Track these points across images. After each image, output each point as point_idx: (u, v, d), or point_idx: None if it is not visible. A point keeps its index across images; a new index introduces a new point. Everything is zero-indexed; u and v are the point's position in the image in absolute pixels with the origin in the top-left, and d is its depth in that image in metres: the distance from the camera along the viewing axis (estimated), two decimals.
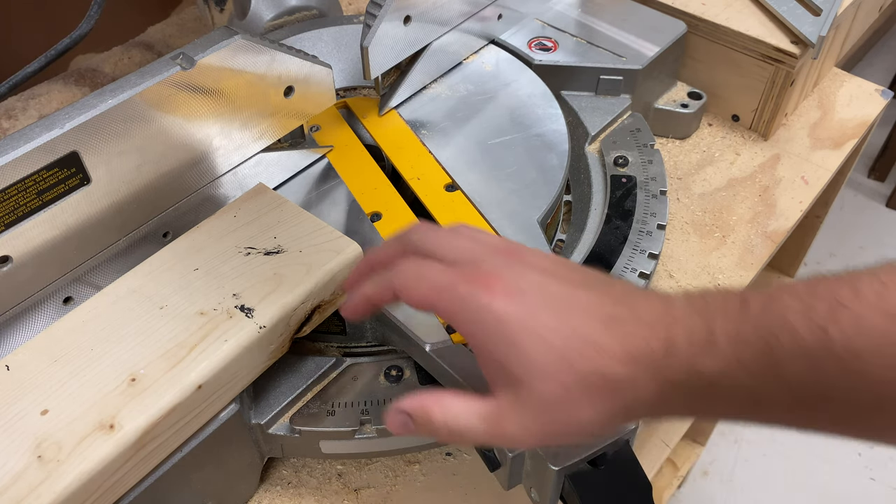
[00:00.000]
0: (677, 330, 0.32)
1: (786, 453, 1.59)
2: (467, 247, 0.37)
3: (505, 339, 0.33)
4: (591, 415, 0.33)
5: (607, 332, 0.33)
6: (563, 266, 0.37)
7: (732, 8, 0.71)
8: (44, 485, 0.36)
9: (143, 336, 0.42)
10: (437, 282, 0.35)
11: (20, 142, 0.42)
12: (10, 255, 0.44)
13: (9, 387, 0.40)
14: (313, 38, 0.68)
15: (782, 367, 0.30)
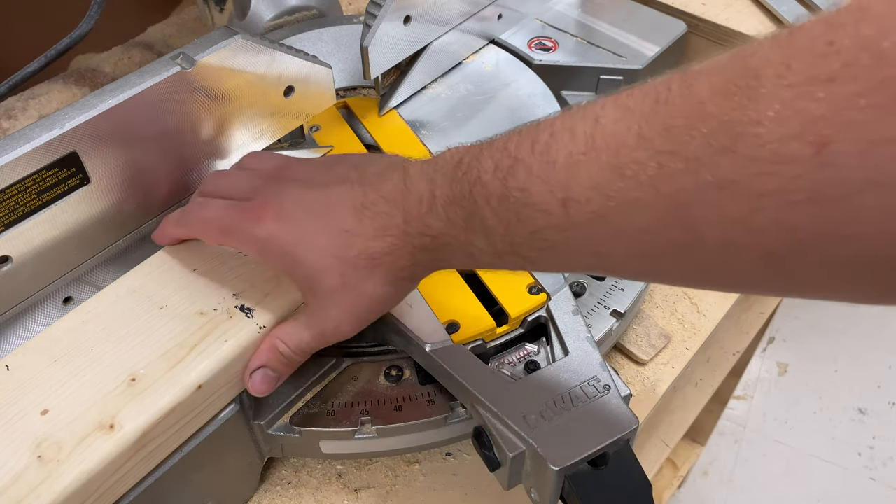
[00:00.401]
0: (411, 200, 0.37)
1: (786, 453, 1.59)
2: (244, 182, 0.44)
3: (284, 256, 0.40)
4: (376, 287, 0.39)
5: (360, 220, 0.39)
6: (324, 169, 0.42)
7: (732, 8, 0.71)
8: (44, 485, 0.36)
9: (143, 336, 0.42)
10: (219, 224, 0.42)
11: (20, 142, 0.42)
12: (10, 255, 0.44)
13: (9, 387, 0.40)
14: (313, 38, 0.68)
15: (479, 223, 0.35)
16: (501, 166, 0.33)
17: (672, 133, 0.28)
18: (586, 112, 0.31)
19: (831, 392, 1.68)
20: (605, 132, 0.30)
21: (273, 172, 0.44)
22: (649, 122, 0.29)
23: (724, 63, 0.27)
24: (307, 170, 0.43)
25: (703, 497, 1.54)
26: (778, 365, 1.75)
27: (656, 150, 0.28)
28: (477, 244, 0.36)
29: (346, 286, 0.39)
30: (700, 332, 0.60)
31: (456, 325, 0.48)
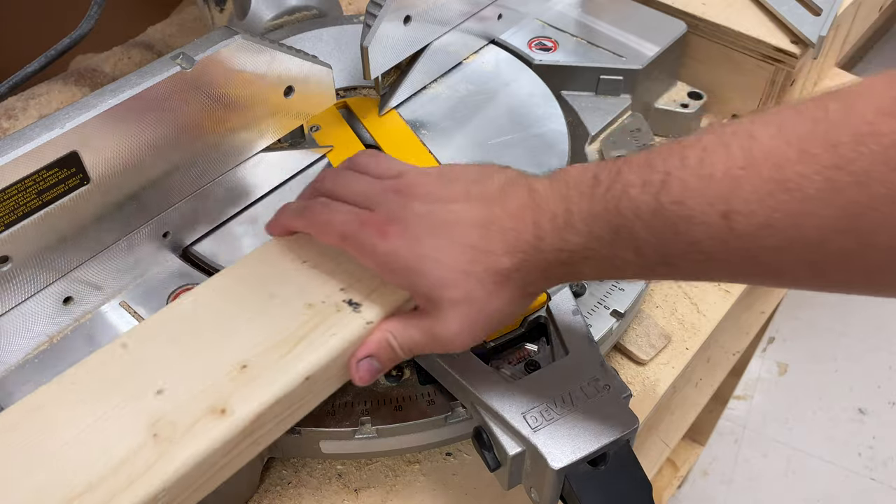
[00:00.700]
0: (542, 217, 0.38)
1: (786, 453, 1.59)
2: (366, 189, 0.44)
3: (407, 271, 0.40)
4: (500, 304, 0.40)
5: (486, 236, 0.39)
6: (445, 183, 0.42)
7: (732, 8, 0.71)
8: (159, 463, 0.37)
9: (254, 324, 0.43)
10: (341, 230, 0.43)
11: (20, 142, 0.42)
12: (9, 255, 0.44)
13: (126, 365, 0.41)
14: (313, 38, 0.68)
15: (628, 236, 0.35)
16: (651, 181, 0.34)
17: (839, 149, 0.29)
18: (737, 129, 0.33)
19: (831, 392, 1.68)
20: (763, 148, 0.31)
21: (394, 185, 0.44)
22: (811, 140, 0.30)
23: (881, 88, 0.30)
24: (428, 184, 0.43)
25: (703, 497, 1.54)
26: (778, 365, 1.75)
27: (822, 166, 0.30)
28: (624, 257, 0.36)
29: (469, 300, 0.39)
30: (700, 332, 0.60)
31: None
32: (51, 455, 0.37)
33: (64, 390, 0.40)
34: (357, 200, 0.44)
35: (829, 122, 0.30)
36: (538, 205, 0.38)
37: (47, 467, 0.37)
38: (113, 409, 0.39)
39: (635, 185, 0.35)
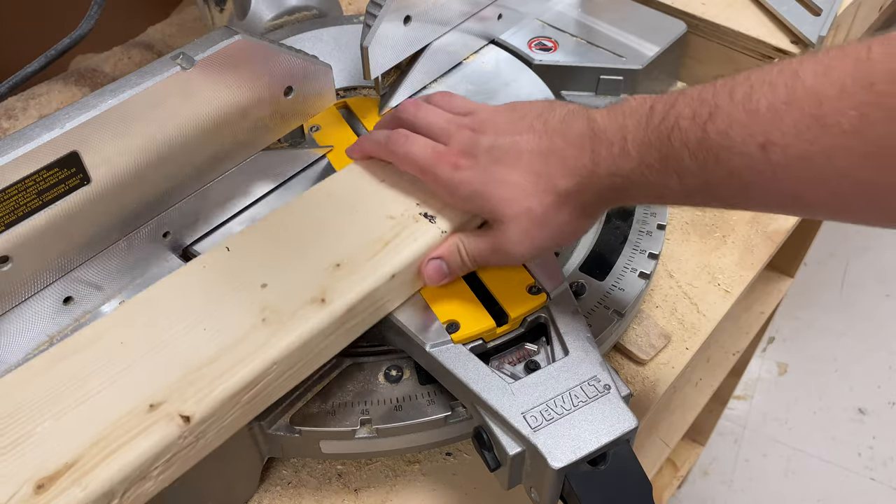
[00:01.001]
0: (600, 145, 0.42)
1: (786, 453, 1.59)
2: (443, 124, 0.50)
3: (474, 195, 0.46)
4: (558, 220, 0.45)
5: (548, 163, 0.44)
6: (513, 119, 0.47)
7: (732, 8, 0.71)
8: (269, 342, 0.42)
9: (343, 231, 0.49)
10: (419, 163, 0.49)
11: (20, 142, 0.42)
12: (9, 255, 0.44)
13: (232, 265, 0.47)
14: (313, 38, 0.68)
15: (676, 164, 0.38)
16: (700, 113, 0.37)
17: (875, 87, 0.31)
18: (783, 68, 0.35)
19: (831, 392, 1.68)
20: (806, 85, 0.34)
21: (468, 122, 0.49)
22: (851, 78, 0.32)
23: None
24: (497, 120, 0.48)
25: (703, 497, 1.55)
26: (778, 365, 1.75)
27: (859, 102, 0.32)
28: (669, 184, 0.39)
29: (529, 215, 0.44)
30: (700, 332, 0.60)
31: (456, 325, 0.48)
32: (169, 340, 0.43)
33: (173, 286, 0.46)
34: (433, 134, 0.50)
35: (870, 62, 0.32)
36: (596, 134, 0.42)
37: (167, 350, 0.42)
38: (224, 299, 0.45)
39: (686, 116, 0.38)
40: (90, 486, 0.37)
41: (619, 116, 0.42)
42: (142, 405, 0.40)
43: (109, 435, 0.38)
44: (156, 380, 0.41)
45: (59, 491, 0.36)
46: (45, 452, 0.38)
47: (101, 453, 0.38)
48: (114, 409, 0.40)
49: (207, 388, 0.40)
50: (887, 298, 1.87)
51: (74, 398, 0.40)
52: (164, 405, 0.40)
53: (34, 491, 0.36)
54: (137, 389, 0.40)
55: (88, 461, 0.37)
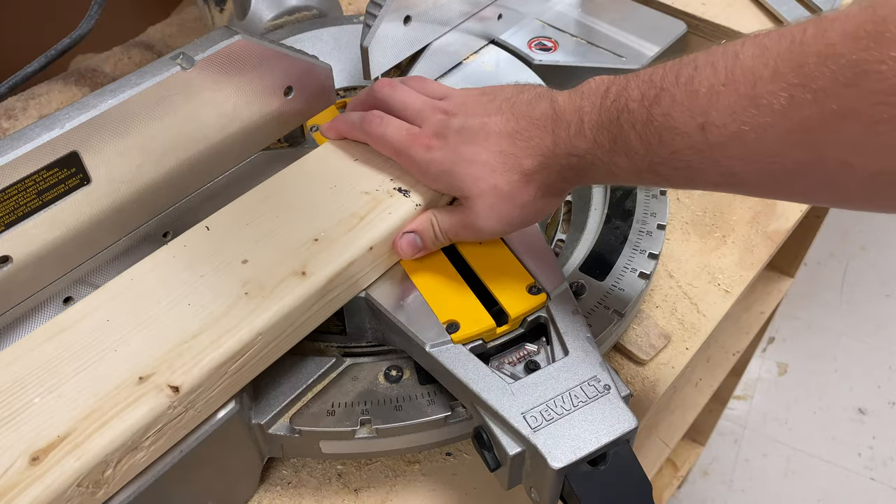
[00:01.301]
0: (560, 126, 0.44)
1: (786, 453, 1.59)
2: (417, 106, 0.51)
3: (443, 174, 0.48)
4: (524, 198, 0.46)
5: (513, 143, 0.46)
6: (483, 101, 0.49)
7: (732, 8, 0.71)
8: (253, 314, 0.44)
9: (320, 207, 0.50)
10: (394, 145, 0.51)
11: (20, 142, 0.42)
12: (10, 255, 0.44)
13: (212, 243, 0.48)
14: (313, 38, 0.68)
15: (623, 144, 0.40)
16: (647, 95, 0.39)
17: (804, 69, 0.32)
18: (727, 49, 0.36)
19: (831, 392, 1.68)
20: (744, 66, 0.35)
21: (442, 105, 0.51)
22: (784, 60, 0.33)
23: (855, 12, 0.32)
24: (468, 103, 0.50)
25: (703, 497, 1.55)
26: (778, 365, 1.75)
27: (789, 84, 0.33)
28: (619, 163, 0.41)
29: (496, 192, 0.46)
30: (700, 332, 0.60)
31: (456, 325, 0.48)
32: (155, 315, 0.44)
33: (156, 265, 0.47)
34: (408, 116, 0.51)
35: (803, 43, 0.33)
36: (557, 115, 0.44)
37: (153, 325, 0.43)
38: (206, 276, 0.46)
39: (635, 98, 0.39)
40: (83, 456, 0.38)
41: (577, 98, 0.44)
42: (131, 378, 0.41)
43: (101, 407, 0.39)
44: (144, 353, 0.42)
45: (53, 462, 0.37)
46: (38, 426, 0.39)
47: (94, 425, 0.39)
48: (104, 382, 0.41)
49: (195, 359, 0.42)
50: (887, 298, 1.87)
51: (65, 373, 0.41)
52: (153, 377, 0.41)
53: (29, 463, 0.37)
54: (126, 363, 0.42)
55: (81, 433, 0.38)
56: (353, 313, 0.51)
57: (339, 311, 0.50)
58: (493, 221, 0.47)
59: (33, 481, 0.36)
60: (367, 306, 0.50)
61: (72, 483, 0.37)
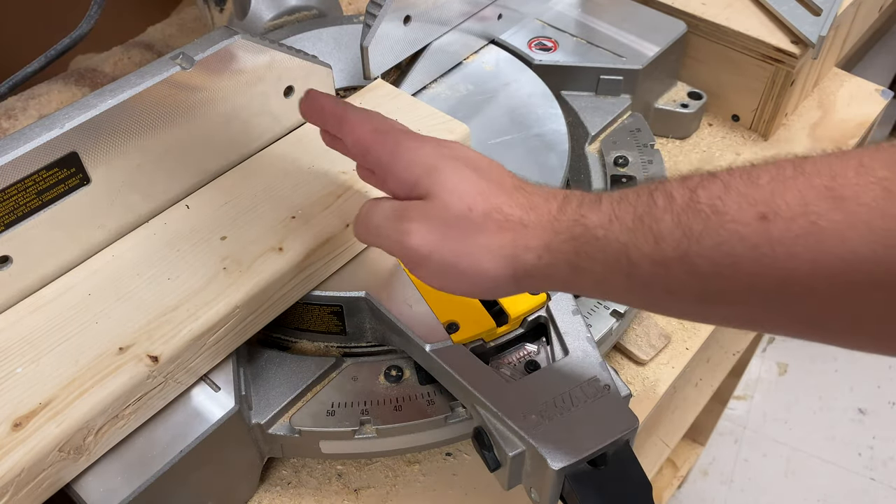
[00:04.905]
0: (573, 197, 0.37)
1: (786, 453, 1.59)
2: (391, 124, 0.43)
3: (423, 164, 0.39)
4: (486, 245, 0.37)
5: (516, 191, 0.38)
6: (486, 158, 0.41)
7: (732, 8, 0.71)
8: (231, 288, 0.45)
9: (298, 187, 0.52)
10: (378, 125, 0.43)
11: (20, 142, 0.42)
12: (10, 255, 0.44)
13: (191, 220, 0.50)
14: (313, 38, 0.68)
15: (654, 224, 0.33)
16: (692, 179, 0.33)
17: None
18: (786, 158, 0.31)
19: (831, 392, 1.68)
20: (816, 162, 0.30)
21: (446, 150, 0.42)
22: (871, 156, 0.28)
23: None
24: (475, 153, 0.42)
25: (703, 497, 1.54)
26: (778, 365, 1.75)
27: (880, 177, 0.27)
28: (641, 247, 0.33)
29: (462, 219, 0.37)
30: (700, 332, 0.60)
31: (456, 326, 0.48)
32: (135, 290, 0.45)
33: (137, 242, 0.48)
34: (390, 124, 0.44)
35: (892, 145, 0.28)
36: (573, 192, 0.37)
37: (133, 299, 0.45)
38: (186, 252, 0.47)
39: (674, 180, 0.33)
40: (64, 423, 0.39)
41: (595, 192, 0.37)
42: (112, 348, 0.42)
43: (82, 376, 0.41)
44: (124, 325, 0.44)
45: (35, 428, 0.39)
46: (21, 393, 0.40)
47: (74, 393, 0.40)
48: (85, 352, 0.42)
49: (174, 330, 0.43)
50: None
51: (47, 344, 0.43)
52: (132, 347, 0.42)
53: (12, 428, 0.39)
54: (107, 335, 0.43)
55: (62, 400, 0.40)
56: (353, 313, 0.51)
57: (340, 311, 0.50)
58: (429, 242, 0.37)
59: (15, 446, 0.38)
60: (367, 306, 0.50)
61: (53, 448, 0.39)
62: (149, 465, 0.42)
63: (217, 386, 0.46)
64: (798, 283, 0.29)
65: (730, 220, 0.30)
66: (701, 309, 0.34)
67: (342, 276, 0.51)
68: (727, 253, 0.30)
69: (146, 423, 0.44)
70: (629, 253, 0.33)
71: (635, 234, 0.33)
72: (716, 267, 0.31)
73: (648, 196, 0.33)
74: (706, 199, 0.31)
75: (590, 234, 0.34)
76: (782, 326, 0.32)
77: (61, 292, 0.46)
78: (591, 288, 0.36)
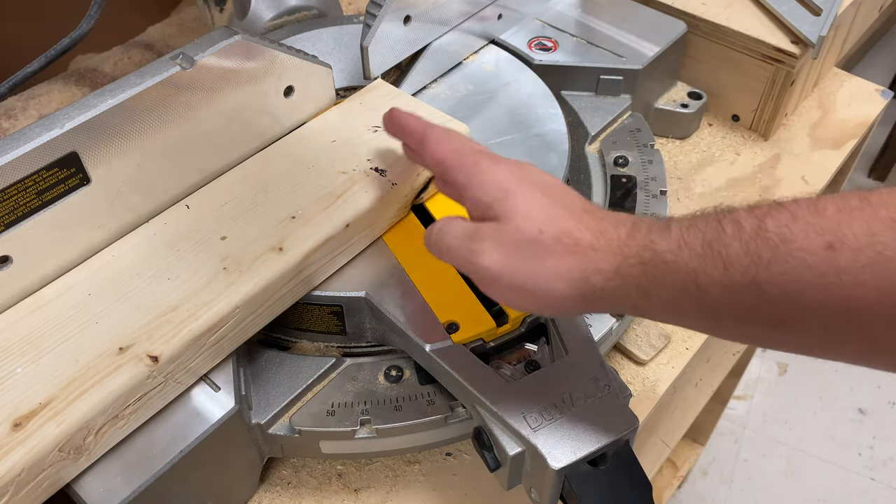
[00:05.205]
0: (642, 224, 0.38)
1: (786, 453, 1.59)
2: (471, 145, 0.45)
3: (498, 187, 0.41)
4: (556, 267, 0.38)
5: (586, 215, 0.39)
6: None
7: (732, 8, 0.71)
8: (231, 288, 0.45)
9: (298, 187, 0.51)
10: (459, 146, 0.44)
11: (20, 142, 0.42)
12: (10, 255, 0.44)
13: (191, 221, 0.50)
14: (313, 38, 0.68)
15: (723, 250, 0.34)
16: (759, 208, 0.34)
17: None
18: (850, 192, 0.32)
19: (831, 392, 1.68)
20: (880, 194, 0.31)
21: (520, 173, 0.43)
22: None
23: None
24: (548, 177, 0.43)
25: (703, 497, 1.54)
26: (778, 365, 1.75)
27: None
28: (710, 273, 0.34)
29: (533, 242, 0.38)
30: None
31: (456, 326, 0.48)
32: (135, 290, 0.45)
33: (137, 242, 0.48)
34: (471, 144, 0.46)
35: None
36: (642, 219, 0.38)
37: (133, 299, 0.45)
38: (186, 252, 0.47)
39: (741, 209, 0.34)
40: (64, 423, 0.39)
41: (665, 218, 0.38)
42: (112, 348, 0.42)
43: (82, 376, 0.41)
44: (124, 325, 0.43)
45: (35, 428, 0.39)
46: (20, 394, 0.40)
47: (74, 393, 0.40)
48: (85, 352, 0.42)
49: (174, 330, 0.43)
50: None
51: (47, 344, 0.43)
52: (132, 347, 0.42)
53: (12, 428, 0.39)
54: (107, 334, 0.43)
55: (62, 400, 0.40)
56: (353, 313, 0.51)
57: (340, 311, 0.50)
58: (501, 264, 0.39)
59: (15, 446, 0.38)
60: (367, 306, 0.50)
61: (53, 448, 0.39)
62: (149, 465, 0.42)
63: (217, 386, 0.46)
64: (864, 311, 0.30)
65: (797, 249, 0.31)
66: (767, 334, 0.35)
67: (342, 276, 0.51)
68: (795, 280, 0.32)
69: (146, 423, 0.44)
70: (698, 278, 0.34)
71: (704, 259, 0.34)
72: (783, 293, 0.32)
73: (717, 223, 0.34)
74: (774, 228, 0.32)
75: (659, 259, 0.36)
76: (845, 354, 0.33)
77: (61, 292, 0.46)
78: (660, 311, 0.38)
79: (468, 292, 0.50)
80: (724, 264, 0.34)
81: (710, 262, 0.34)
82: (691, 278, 0.35)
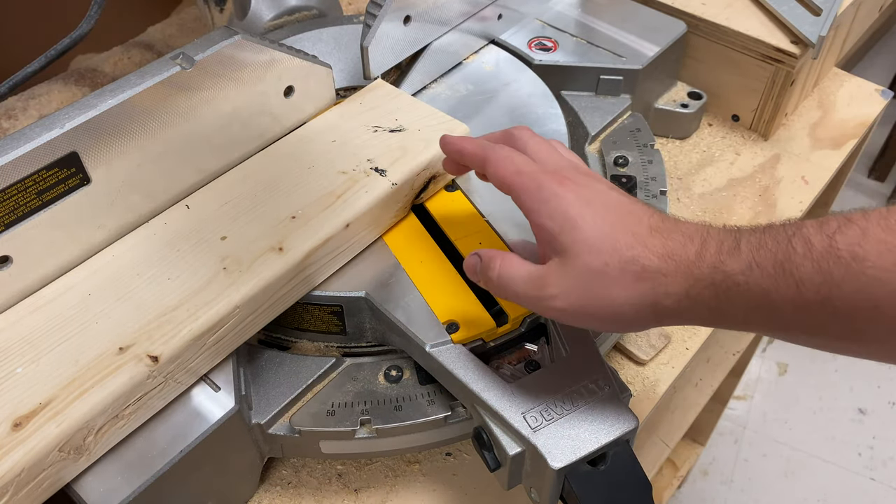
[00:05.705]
0: (710, 241, 0.37)
1: (786, 453, 1.59)
2: (555, 157, 0.45)
3: (563, 215, 0.40)
4: (624, 296, 0.38)
5: (651, 234, 0.39)
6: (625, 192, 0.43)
7: (732, 8, 0.71)
8: (231, 288, 0.45)
9: (298, 187, 0.51)
10: (521, 167, 0.43)
11: (20, 142, 0.42)
12: (10, 255, 0.44)
13: (192, 220, 0.50)
14: (313, 38, 0.68)
15: (794, 270, 0.34)
16: (828, 224, 0.34)
17: None
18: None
19: (831, 392, 1.68)
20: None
21: (582, 168, 0.45)
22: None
23: None
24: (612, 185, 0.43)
25: (703, 497, 1.54)
26: (778, 365, 1.75)
27: None
28: (782, 292, 0.34)
29: (600, 275, 0.38)
30: (700, 332, 0.60)
31: (456, 325, 0.48)
32: (135, 290, 0.45)
33: (137, 242, 0.48)
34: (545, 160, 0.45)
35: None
36: (710, 233, 0.38)
37: (133, 299, 0.45)
38: (186, 252, 0.47)
39: (810, 226, 0.34)
40: (64, 423, 0.39)
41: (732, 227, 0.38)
42: (112, 348, 0.42)
43: (82, 376, 0.41)
44: (124, 325, 0.43)
45: (35, 428, 0.39)
46: (20, 394, 0.40)
47: (74, 393, 0.40)
48: (85, 352, 0.42)
49: (174, 330, 0.43)
50: None
51: (47, 344, 0.43)
52: (132, 347, 0.42)
53: (12, 428, 0.39)
54: (107, 334, 0.43)
55: (62, 400, 0.40)
56: (353, 313, 0.51)
57: (340, 311, 0.50)
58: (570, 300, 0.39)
59: (15, 446, 0.38)
60: (367, 306, 0.50)
61: (53, 448, 0.39)
62: (149, 465, 0.42)
63: (217, 386, 0.46)
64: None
65: (870, 266, 0.32)
66: (840, 345, 0.35)
67: (342, 276, 0.51)
68: (868, 297, 0.32)
69: (146, 423, 0.44)
70: (771, 298, 0.35)
71: (777, 280, 0.34)
72: (856, 310, 0.32)
73: (787, 242, 0.34)
74: (845, 246, 0.32)
75: (731, 281, 0.36)
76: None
77: (61, 292, 0.46)
78: (732, 327, 0.38)
79: (468, 292, 0.50)
80: (796, 284, 0.34)
81: (782, 283, 0.34)
82: (764, 298, 0.35)
